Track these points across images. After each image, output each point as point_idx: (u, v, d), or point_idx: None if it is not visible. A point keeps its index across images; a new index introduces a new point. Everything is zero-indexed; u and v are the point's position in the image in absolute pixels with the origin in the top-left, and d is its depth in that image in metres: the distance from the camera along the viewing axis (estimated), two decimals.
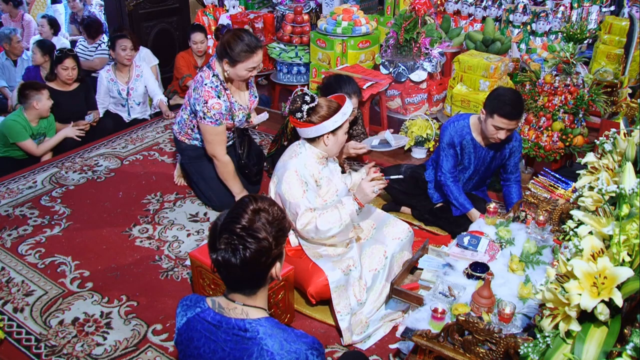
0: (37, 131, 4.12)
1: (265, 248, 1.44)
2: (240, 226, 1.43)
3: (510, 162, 3.21)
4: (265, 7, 6.19)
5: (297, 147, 2.60)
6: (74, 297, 2.80)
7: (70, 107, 4.41)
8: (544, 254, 2.42)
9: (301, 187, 2.48)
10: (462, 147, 3.14)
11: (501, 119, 2.87)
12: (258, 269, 1.46)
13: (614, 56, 4.49)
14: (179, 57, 5.14)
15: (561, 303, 1.37)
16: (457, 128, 3.13)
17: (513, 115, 2.86)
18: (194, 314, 1.55)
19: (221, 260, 1.43)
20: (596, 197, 1.69)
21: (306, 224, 2.47)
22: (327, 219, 2.46)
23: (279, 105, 4.97)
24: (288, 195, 2.48)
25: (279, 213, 1.51)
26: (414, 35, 4.32)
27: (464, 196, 3.15)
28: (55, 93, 4.30)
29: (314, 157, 2.56)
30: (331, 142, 2.54)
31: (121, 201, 3.64)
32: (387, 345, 2.52)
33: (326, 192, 2.60)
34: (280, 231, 1.49)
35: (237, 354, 1.45)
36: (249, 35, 3.13)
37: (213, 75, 3.21)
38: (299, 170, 2.50)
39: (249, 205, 1.48)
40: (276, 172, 2.61)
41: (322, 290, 2.51)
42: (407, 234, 2.80)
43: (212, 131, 3.25)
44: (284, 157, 2.62)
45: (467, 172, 3.25)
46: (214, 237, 1.45)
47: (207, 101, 3.17)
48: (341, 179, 2.72)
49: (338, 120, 2.48)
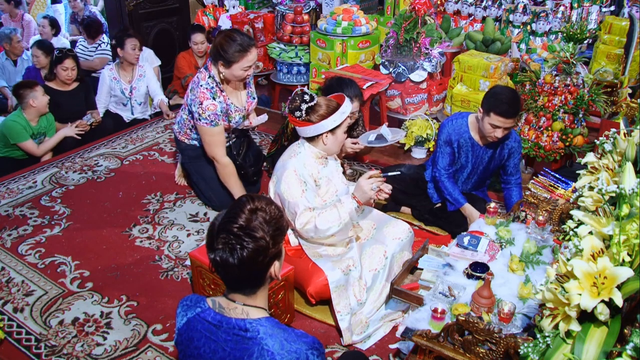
0: (38, 131, 4.12)
1: (262, 247, 1.44)
2: (237, 226, 1.43)
3: (509, 163, 3.20)
4: (265, 7, 6.19)
5: (297, 147, 2.60)
6: (74, 297, 2.80)
7: (70, 107, 4.40)
8: (544, 254, 2.42)
9: (300, 186, 2.48)
10: (460, 145, 3.15)
11: (497, 117, 2.87)
12: (256, 268, 1.46)
13: (614, 56, 4.49)
14: (180, 57, 5.15)
15: (561, 303, 1.37)
16: (455, 126, 3.14)
17: (509, 114, 2.86)
18: (195, 314, 1.55)
19: (219, 260, 1.44)
20: (596, 197, 1.69)
21: (305, 223, 2.47)
22: (326, 218, 2.46)
23: (279, 105, 4.97)
24: (287, 194, 2.48)
25: (276, 212, 1.51)
26: (414, 35, 4.32)
27: (457, 191, 3.18)
28: (54, 93, 4.30)
29: (313, 157, 2.56)
30: (330, 141, 2.54)
31: (121, 201, 3.64)
32: (387, 345, 2.52)
33: (325, 192, 2.60)
34: (277, 230, 1.49)
35: (237, 353, 1.45)
36: (240, 35, 3.12)
37: (209, 77, 3.21)
38: (297, 170, 2.50)
39: (246, 204, 1.48)
40: (275, 172, 2.61)
41: (322, 290, 2.51)
42: (407, 234, 2.80)
43: (209, 132, 3.25)
44: (283, 157, 2.62)
45: (465, 171, 3.25)
46: (212, 237, 1.46)
47: (202, 102, 3.17)
48: (342, 179, 2.72)
49: (337, 119, 2.48)
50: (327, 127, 2.48)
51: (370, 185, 2.49)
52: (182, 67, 5.09)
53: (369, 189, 2.49)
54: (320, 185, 2.58)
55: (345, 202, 2.50)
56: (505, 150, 3.16)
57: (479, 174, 3.27)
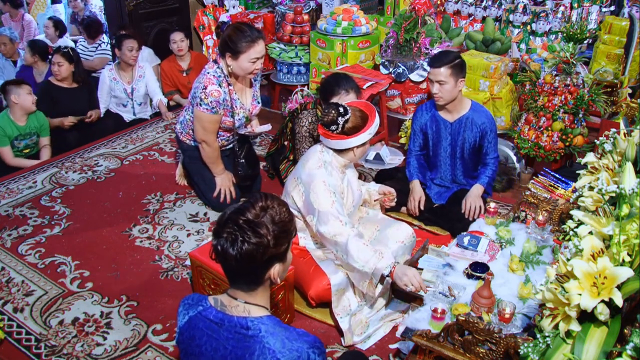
0: (26, 131, 4.04)
1: (262, 245, 1.44)
2: (244, 219, 1.45)
3: (484, 142, 3.24)
4: (265, 7, 6.19)
5: (321, 154, 2.54)
6: (74, 297, 2.80)
7: (70, 105, 4.39)
8: (544, 254, 2.42)
9: (330, 197, 2.43)
10: (426, 126, 3.32)
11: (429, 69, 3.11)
12: (253, 265, 1.46)
13: (614, 56, 4.48)
14: (163, 66, 5.06)
15: (561, 303, 1.37)
16: (421, 109, 3.37)
17: (435, 63, 3.07)
18: (196, 312, 1.55)
19: (219, 249, 1.45)
20: (596, 197, 1.69)
21: (337, 234, 2.39)
22: (361, 250, 2.33)
23: (279, 105, 4.96)
24: (317, 204, 2.44)
25: (286, 215, 1.52)
26: (414, 35, 4.32)
27: (416, 170, 3.38)
28: (53, 88, 4.32)
29: (338, 166, 2.55)
30: (359, 152, 2.53)
31: (121, 201, 3.64)
32: (387, 345, 2.52)
33: (345, 203, 2.58)
34: (283, 232, 1.49)
35: (238, 352, 1.45)
36: (249, 27, 3.14)
37: (217, 67, 3.21)
38: (326, 181, 2.46)
39: (259, 201, 1.50)
40: (300, 178, 2.55)
41: (323, 294, 2.51)
42: (410, 239, 2.77)
43: (207, 119, 3.22)
44: (309, 165, 2.52)
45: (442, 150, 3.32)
46: (220, 225, 1.47)
47: (206, 87, 3.14)
48: (357, 186, 2.71)
49: (372, 132, 2.47)
50: (362, 141, 2.46)
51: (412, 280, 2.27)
52: (165, 79, 5.01)
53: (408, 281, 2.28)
54: (344, 196, 2.56)
55: (386, 260, 2.34)
56: (476, 127, 3.20)
57: (460, 155, 3.30)
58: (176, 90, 5.05)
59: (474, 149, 3.26)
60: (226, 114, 3.28)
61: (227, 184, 3.49)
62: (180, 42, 4.91)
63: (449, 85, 3.06)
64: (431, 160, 3.40)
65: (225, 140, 3.46)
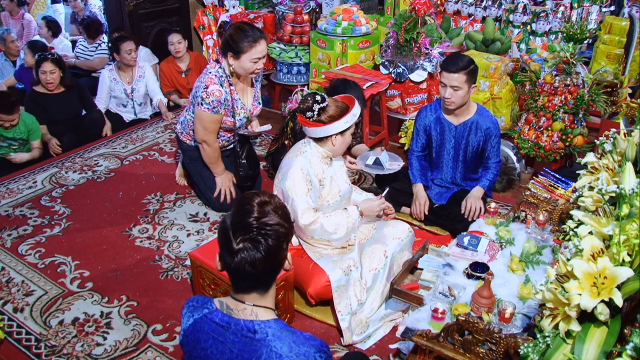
0: (14, 136, 3.96)
1: (282, 233, 1.46)
2: (253, 218, 1.43)
3: (487, 146, 3.23)
4: (265, 7, 6.19)
5: (302, 146, 2.61)
6: (74, 297, 2.80)
7: (59, 110, 4.29)
8: (544, 254, 2.42)
9: (305, 185, 2.50)
10: (430, 127, 3.29)
11: (443, 73, 3.03)
12: (280, 257, 1.48)
13: (614, 56, 4.48)
14: (162, 67, 5.05)
15: (561, 303, 1.37)
16: (425, 110, 3.32)
17: (450, 66, 2.99)
18: (201, 315, 1.54)
19: (245, 260, 1.41)
20: (596, 197, 1.69)
21: (311, 222, 2.50)
22: (335, 221, 2.55)
23: (279, 105, 4.97)
24: (291, 191, 2.49)
25: (280, 202, 1.54)
26: (414, 35, 4.32)
27: (418, 172, 3.36)
28: (39, 96, 4.21)
29: (318, 156, 2.57)
30: (338, 143, 2.56)
31: (121, 201, 3.64)
32: (387, 345, 2.52)
33: (328, 192, 2.60)
34: (286, 215, 1.51)
35: (245, 355, 1.44)
36: (251, 27, 3.14)
37: (219, 67, 3.21)
38: (304, 168, 2.52)
39: (253, 199, 1.49)
40: (281, 169, 2.62)
41: (322, 291, 2.51)
42: (407, 235, 2.80)
43: (208, 118, 3.21)
44: (289, 155, 2.63)
45: (445, 153, 3.30)
46: (228, 240, 1.43)
47: (207, 86, 3.15)
48: (345, 179, 2.72)
49: (349, 121, 2.50)
50: (338, 129, 2.49)
51: (380, 207, 2.73)
52: (164, 80, 5.00)
53: (378, 210, 2.73)
54: (324, 186, 2.58)
55: (352, 212, 2.61)
56: (480, 131, 3.18)
57: (462, 158, 3.28)
58: (175, 90, 5.05)
59: (477, 153, 3.26)
60: (227, 114, 3.28)
61: (227, 184, 3.49)
62: (177, 43, 4.88)
63: (463, 91, 3.02)
64: (433, 162, 3.39)
65: (225, 141, 3.46)
